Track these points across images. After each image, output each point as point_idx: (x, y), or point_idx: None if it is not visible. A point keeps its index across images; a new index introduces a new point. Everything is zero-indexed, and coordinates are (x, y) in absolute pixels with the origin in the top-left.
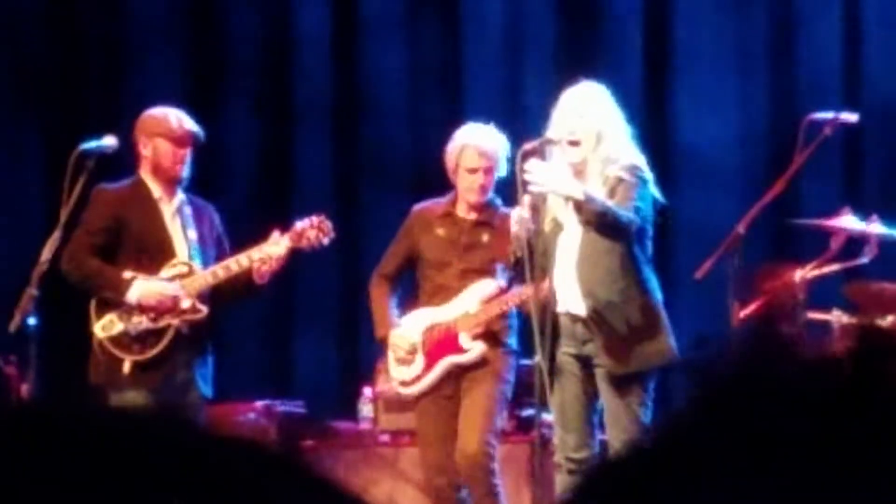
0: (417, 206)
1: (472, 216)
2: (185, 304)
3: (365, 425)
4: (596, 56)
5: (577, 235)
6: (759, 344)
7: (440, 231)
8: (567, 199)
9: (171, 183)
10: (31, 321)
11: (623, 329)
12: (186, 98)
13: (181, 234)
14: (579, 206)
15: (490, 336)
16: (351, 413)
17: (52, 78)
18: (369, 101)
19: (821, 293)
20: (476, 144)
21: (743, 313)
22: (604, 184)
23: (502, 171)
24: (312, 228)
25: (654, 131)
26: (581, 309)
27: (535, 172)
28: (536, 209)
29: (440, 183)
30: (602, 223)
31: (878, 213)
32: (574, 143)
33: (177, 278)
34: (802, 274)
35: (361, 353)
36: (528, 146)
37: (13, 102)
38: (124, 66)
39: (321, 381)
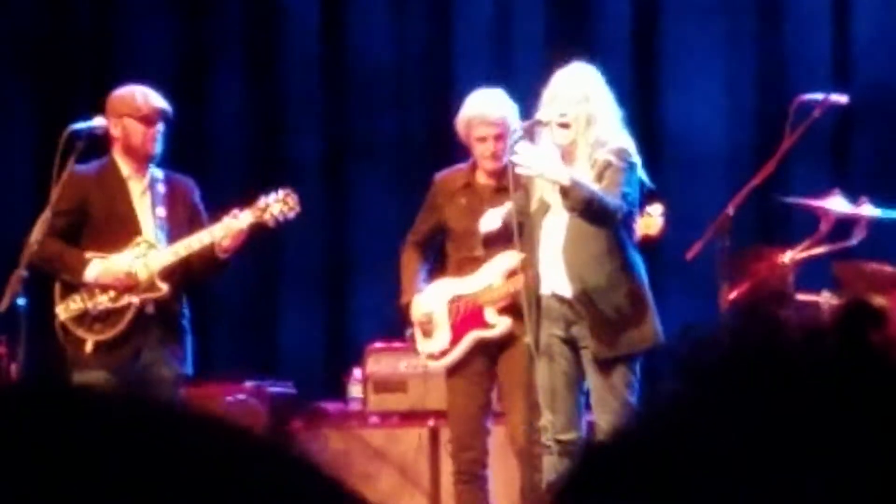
0: (439, 175)
1: (492, 182)
2: (141, 276)
3: (354, 406)
4: (584, 38)
5: (563, 217)
6: (750, 323)
7: (462, 200)
8: (554, 183)
9: (142, 161)
10: (21, 301)
11: (610, 313)
12: (175, 75)
13: (149, 211)
14: (565, 192)
15: (517, 310)
16: (339, 394)
17: (43, 56)
18: (358, 78)
19: (810, 275)
20: (482, 114)
21: (732, 295)
22: (592, 167)
23: None
24: (277, 202)
25: (642, 114)
26: (567, 291)
27: (524, 155)
28: (525, 190)
29: (427, 157)
30: (588, 210)
31: (868, 194)
32: (564, 126)
33: (139, 256)
34: (792, 256)
35: (350, 333)
36: (518, 127)
37: (2, 82)
38: (115, 45)
39: (308, 361)
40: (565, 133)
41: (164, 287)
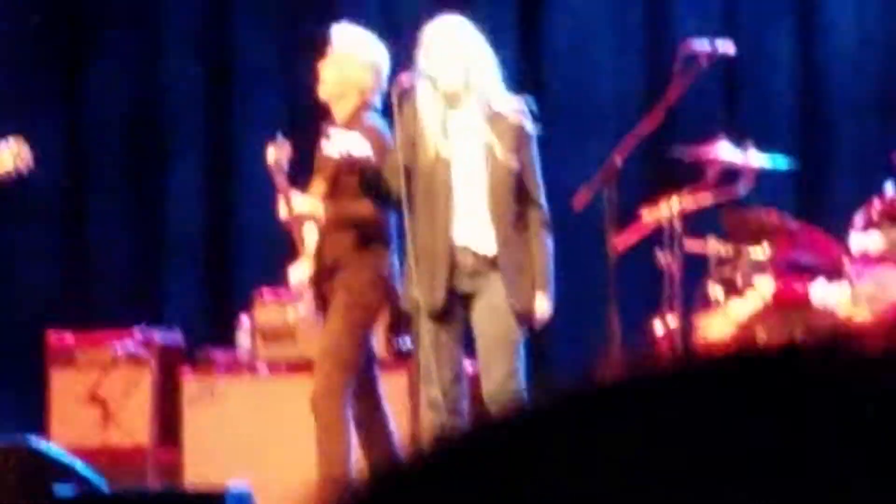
0: None
1: None
2: None
3: (243, 355)
4: None
5: (477, 170)
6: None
7: None
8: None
9: None
10: None
11: (523, 267)
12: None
13: None
14: None
15: None
16: (227, 342)
17: None
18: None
19: (698, 223)
20: None
21: (619, 243)
22: (488, 120)
23: None
24: (10, 153)
25: (528, 59)
26: (488, 246)
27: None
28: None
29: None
30: None
31: (755, 142)
32: (445, 75)
33: None
34: (679, 204)
35: (236, 281)
36: (403, 81)
37: None
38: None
39: (195, 309)
40: (444, 79)
41: None
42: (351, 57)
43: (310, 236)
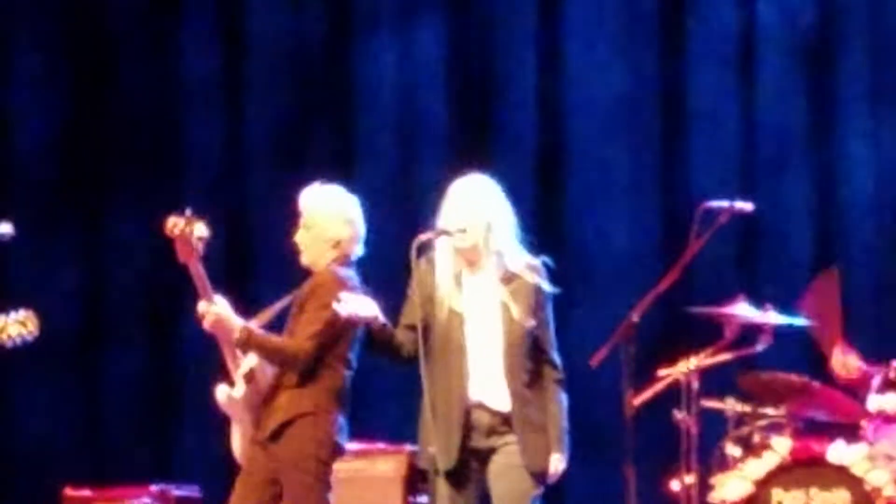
0: None
1: None
2: None
3: None
4: (489, 155)
5: (492, 328)
6: None
7: None
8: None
9: None
10: None
11: (538, 425)
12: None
13: None
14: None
15: None
16: None
17: None
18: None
19: (715, 382)
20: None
21: (636, 401)
22: (504, 279)
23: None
24: (16, 323)
25: (545, 217)
26: (504, 403)
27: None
28: (430, 300)
29: None
30: None
31: (772, 301)
32: (463, 231)
33: None
34: (697, 362)
35: None
36: (423, 238)
37: None
38: None
39: (211, 463)
40: (465, 237)
41: None
42: (319, 214)
43: (248, 362)
